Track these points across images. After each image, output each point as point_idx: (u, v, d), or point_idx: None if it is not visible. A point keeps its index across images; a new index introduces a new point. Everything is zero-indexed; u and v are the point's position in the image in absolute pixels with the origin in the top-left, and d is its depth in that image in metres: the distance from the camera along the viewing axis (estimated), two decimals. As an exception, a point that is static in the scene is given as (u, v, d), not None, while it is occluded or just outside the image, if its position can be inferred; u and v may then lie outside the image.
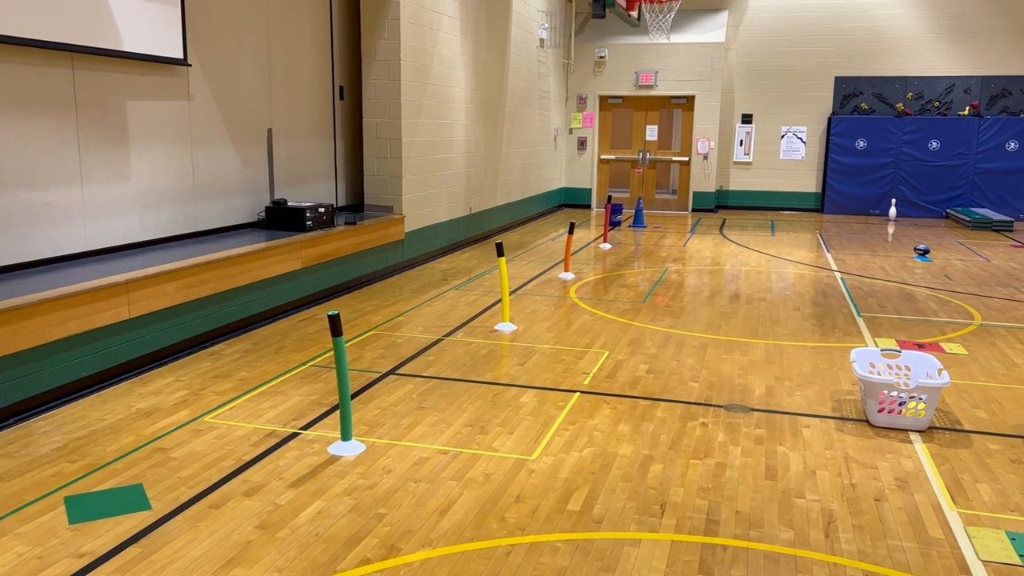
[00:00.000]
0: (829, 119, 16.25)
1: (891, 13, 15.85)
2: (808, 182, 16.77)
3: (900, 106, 15.89)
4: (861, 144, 16.01)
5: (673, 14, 13.52)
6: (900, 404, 4.68)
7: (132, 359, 5.63)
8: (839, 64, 16.20)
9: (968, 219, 14.33)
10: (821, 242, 12.56)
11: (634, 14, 13.98)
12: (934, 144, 15.70)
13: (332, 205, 8.32)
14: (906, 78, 15.89)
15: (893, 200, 16.00)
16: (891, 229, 14.30)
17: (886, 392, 4.68)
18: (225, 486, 3.90)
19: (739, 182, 17.11)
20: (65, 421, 4.70)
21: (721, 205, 17.17)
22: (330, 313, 4.24)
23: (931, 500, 3.85)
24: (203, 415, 4.82)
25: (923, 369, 5.01)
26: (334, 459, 4.23)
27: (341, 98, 9.54)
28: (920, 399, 4.64)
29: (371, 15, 9.29)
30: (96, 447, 4.33)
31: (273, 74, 8.20)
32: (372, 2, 9.24)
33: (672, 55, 16.13)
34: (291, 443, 4.43)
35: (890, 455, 4.37)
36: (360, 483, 3.95)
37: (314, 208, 7.97)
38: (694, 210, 16.70)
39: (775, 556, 3.34)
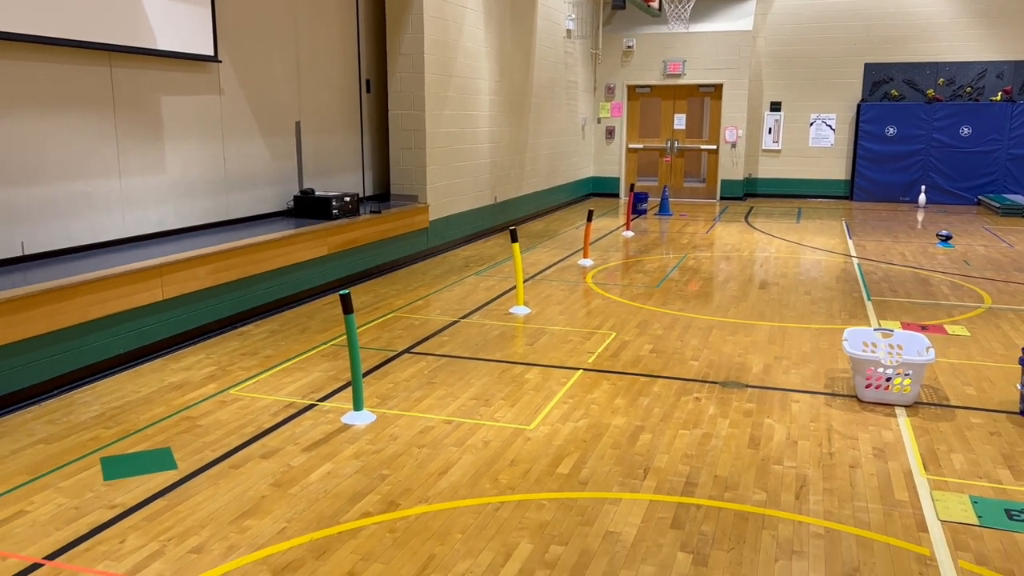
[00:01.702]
0: (858, 106, 16.21)
1: (922, -2, 15.76)
2: (837, 169, 16.75)
3: (931, 92, 15.79)
4: (891, 131, 15.96)
5: (692, 4, 13.63)
6: (887, 380, 4.87)
7: (166, 337, 6.03)
8: (868, 50, 16.14)
9: (999, 205, 14.23)
10: (845, 229, 12.62)
11: (654, 4, 14.12)
12: (966, 130, 15.59)
13: (357, 194, 8.67)
14: (937, 63, 15.78)
15: (923, 187, 15.92)
16: (920, 216, 14.27)
17: (872, 368, 4.88)
18: (245, 450, 4.26)
19: (768, 170, 17.15)
20: (103, 393, 5.11)
21: (750, 193, 17.23)
22: (341, 292, 4.57)
23: (903, 467, 4.06)
24: (229, 388, 5.20)
25: (914, 348, 5.18)
26: (346, 427, 4.56)
27: (368, 91, 9.88)
28: (906, 375, 4.83)
29: (396, 10, 9.61)
30: (130, 415, 4.73)
31: (301, 69, 8.57)
32: (397, -2, 9.58)
33: (700, 44, 16.21)
34: (308, 413, 4.78)
35: (872, 427, 4.57)
36: (368, 448, 4.28)
37: (340, 197, 8.33)
38: (722, 198, 16.79)
39: (745, 515, 3.58)
